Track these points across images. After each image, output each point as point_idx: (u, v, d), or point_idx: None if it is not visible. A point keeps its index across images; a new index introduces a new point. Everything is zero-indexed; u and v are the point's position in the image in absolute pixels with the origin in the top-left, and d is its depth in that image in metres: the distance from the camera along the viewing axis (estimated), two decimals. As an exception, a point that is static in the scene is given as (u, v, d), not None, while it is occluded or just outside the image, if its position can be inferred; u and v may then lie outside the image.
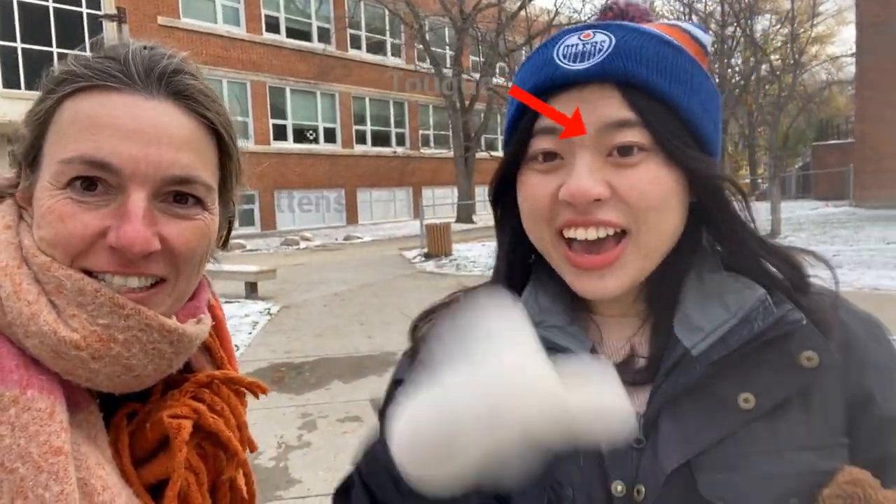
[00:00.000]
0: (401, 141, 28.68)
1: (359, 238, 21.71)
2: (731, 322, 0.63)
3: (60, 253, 0.62)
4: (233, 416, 0.74)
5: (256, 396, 0.81)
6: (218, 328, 0.83)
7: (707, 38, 0.71)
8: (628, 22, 0.68)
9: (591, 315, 0.73)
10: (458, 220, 23.25)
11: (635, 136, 0.62)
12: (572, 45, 0.64)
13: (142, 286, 0.65)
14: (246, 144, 21.88)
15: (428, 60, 24.72)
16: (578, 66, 0.63)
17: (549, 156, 0.65)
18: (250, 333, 7.63)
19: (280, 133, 23.68)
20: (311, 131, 25.02)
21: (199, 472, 0.70)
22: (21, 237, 0.64)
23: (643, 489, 0.61)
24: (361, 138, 26.95)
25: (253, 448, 0.78)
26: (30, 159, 0.67)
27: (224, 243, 0.81)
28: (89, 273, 0.63)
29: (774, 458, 0.60)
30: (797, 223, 18.09)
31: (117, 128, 0.62)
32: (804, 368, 0.62)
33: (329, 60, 24.87)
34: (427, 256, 14.83)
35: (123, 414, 0.68)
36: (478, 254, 14.83)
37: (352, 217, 26.15)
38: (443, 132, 29.14)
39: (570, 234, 0.64)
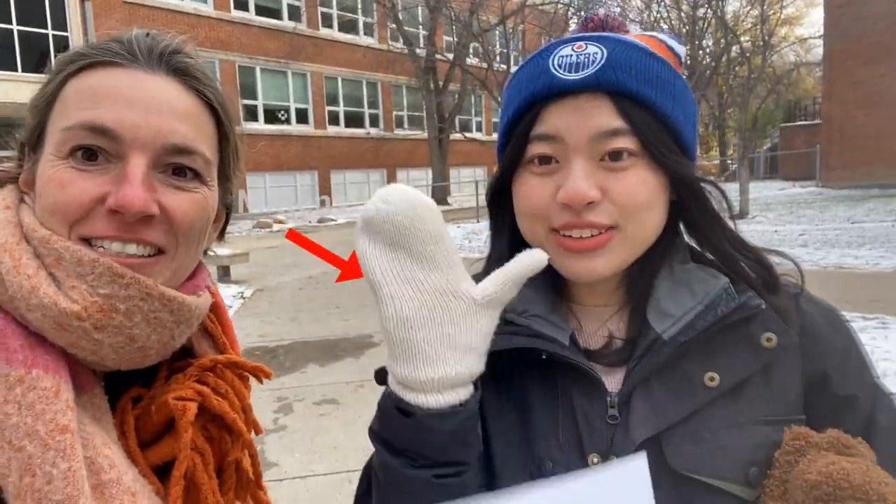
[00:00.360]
0: (374, 122, 28.40)
1: (333, 220, 21.55)
2: (697, 308, 0.69)
3: (59, 219, 0.63)
4: (237, 399, 0.75)
5: (260, 381, 0.82)
6: (219, 313, 0.84)
7: (681, 49, 0.76)
8: (612, 33, 0.73)
9: (571, 305, 0.78)
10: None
11: (625, 142, 0.67)
12: (567, 56, 0.69)
13: (140, 254, 0.65)
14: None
15: (401, 40, 24.45)
16: (574, 77, 0.67)
17: (545, 159, 0.70)
18: (224, 317, 7.57)
19: (251, 114, 23.25)
20: (282, 112, 24.63)
21: (205, 453, 0.70)
22: (21, 216, 0.65)
23: (615, 460, 0.66)
24: (334, 119, 26.62)
25: (258, 430, 0.78)
26: (34, 140, 0.68)
27: (221, 234, 0.81)
28: (88, 242, 0.63)
29: (736, 431, 0.66)
30: (765, 203, 18.45)
31: (119, 97, 0.64)
32: (764, 349, 0.67)
33: (300, 39, 24.41)
34: (402, 238, 14.77)
35: (129, 398, 0.69)
36: (453, 235, 14.72)
37: (325, 199, 25.93)
38: (417, 113, 28.95)
39: (564, 233, 0.69)
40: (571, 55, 0.69)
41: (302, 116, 25.33)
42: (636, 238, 0.70)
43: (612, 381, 0.71)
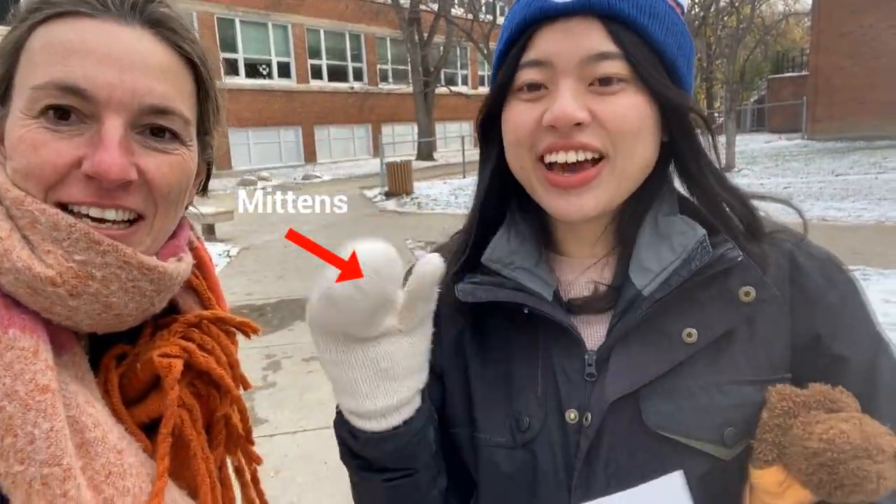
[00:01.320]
0: (358, 76, 27.83)
1: (318, 177, 21.33)
2: (675, 263, 0.67)
3: (34, 184, 0.60)
4: (224, 355, 0.74)
5: (247, 336, 0.80)
6: (203, 269, 0.82)
7: (685, 0, 0.74)
8: None
9: (556, 256, 0.77)
10: (419, 157, 23.01)
11: (616, 67, 0.65)
12: None
13: (119, 219, 0.63)
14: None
15: (384, -10, 23.76)
16: (564, 0, 0.65)
17: (534, 87, 0.68)
18: (210, 276, 7.55)
19: (231, 68, 22.65)
20: (263, 66, 24.05)
21: (193, 409, 0.69)
22: None
23: (590, 416, 0.67)
24: (317, 73, 26.03)
25: (246, 385, 0.78)
26: (0, 92, 0.64)
27: (203, 189, 0.79)
28: (64, 207, 0.61)
29: (715, 391, 0.65)
30: (751, 156, 18.47)
31: (91, 53, 0.60)
32: (742, 303, 0.66)
33: (280, -10, 23.68)
34: (388, 195, 14.71)
35: (112, 356, 0.67)
36: (439, 192, 14.76)
37: (310, 156, 25.58)
38: (402, 67, 28.38)
39: (550, 158, 0.67)
40: None
41: (284, 70, 24.74)
42: (625, 171, 0.67)
43: (594, 336, 0.71)
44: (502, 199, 0.78)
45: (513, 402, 0.71)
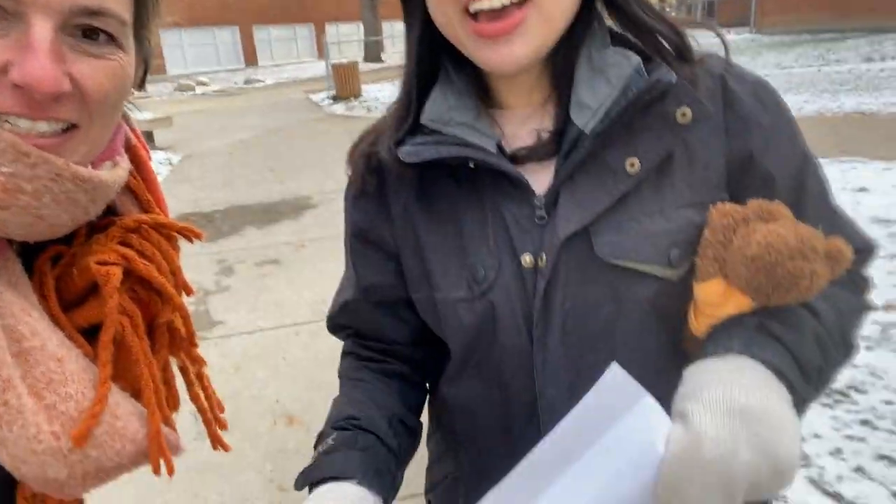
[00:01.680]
0: (297, -30, 26.04)
1: (260, 81, 20.36)
2: (613, 95, 0.67)
3: None
4: (165, 262, 0.71)
5: (190, 241, 0.77)
6: (142, 169, 0.77)
7: None
8: None
9: (494, 111, 0.76)
10: (366, 59, 22.13)
11: None
12: None
13: (52, 130, 0.58)
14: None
15: None
16: None
17: None
18: (153, 185, 7.31)
19: (157, -39, 20.86)
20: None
21: (134, 315, 0.67)
22: None
23: (545, 257, 0.68)
24: (252, -33, 24.24)
25: (189, 291, 0.75)
26: None
27: (141, 84, 0.73)
28: None
29: (659, 217, 0.67)
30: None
31: None
32: (679, 125, 0.67)
33: None
34: (335, 99, 14.22)
35: (47, 258, 0.64)
36: (388, 94, 14.32)
37: (250, 58, 24.28)
38: (343, -41, 26.60)
39: (475, 6, 0.64)
40: None
41: (215, -36, 22.92)
42: (552, 13, 0.65)
43: (541, 182, 0.71)
44: (434, 59, 0.76)
45: (467, 257, 0.72)
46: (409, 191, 0.76)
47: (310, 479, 0.70)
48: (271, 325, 3.74)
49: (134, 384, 0.69)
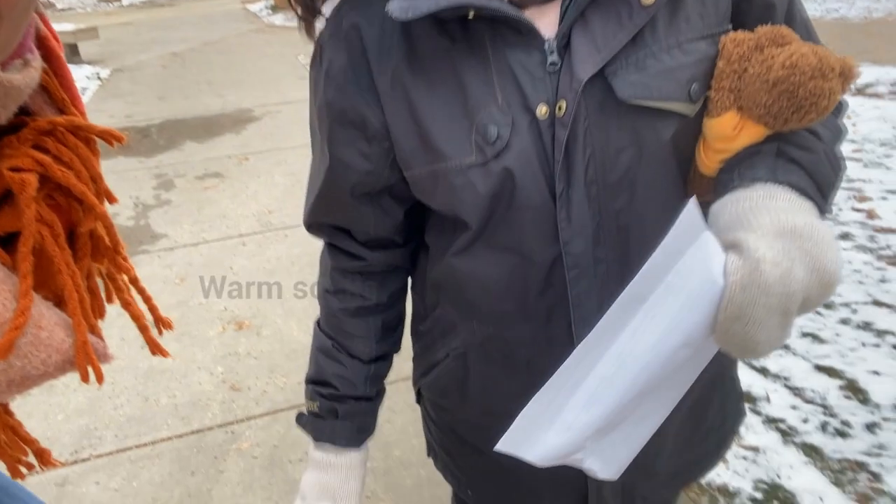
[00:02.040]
0: None
1: (193, -9, 18.97)
2: None
3: None
4: (84, 168, 0.66)
5: (111, 144, 0.70)
6: (55, 64, 0.69)
7: None
8: None
9: None
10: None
11: None
12: None
13: None
14: None
15: None
16: None
17: None
18: (80, 100, 6.88)
19: None
20: None
21: (53, 224, 0.63)
22: None
23: (563, 104, 0.63)
24: None
25: (111, 199, 0.70)
26: None
27: None
28: None
29: (677, 51, 0.64)
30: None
31: None
32: None
33: None
34: (274, 9, 13.46)
35: None
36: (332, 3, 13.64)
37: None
38: None
39: None
40: None
41: None
42: None
43: (546, 26, 0.65)
44: None
45: (474, 118, 0.65)
46: (394, 54, 0.68)
47: (306, 431, 0.87)
48: (216, 236, 3.66)
49: (57, 294, 0.67)
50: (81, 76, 7.89)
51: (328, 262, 0.85)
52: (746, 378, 2.25)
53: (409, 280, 0.89)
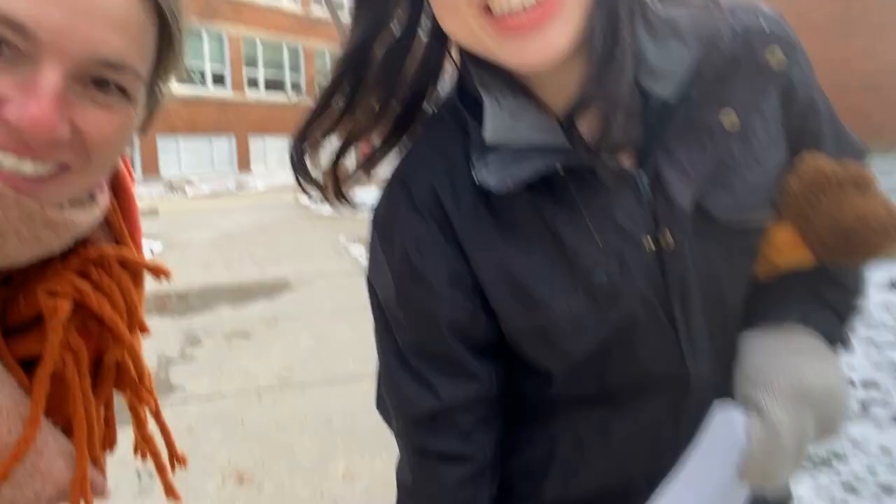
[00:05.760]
0: (296, 87, 27.57)
1: (252, 186, 20.86)
2: (693, 53, 0.60)
3: None
4: (122, 298, 0.66)
5: (157, 278, 0.73)
6: (123, 197, 0.73)
7: None
8: None
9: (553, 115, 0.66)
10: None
11: None
12: None
13: (38, 173, 0.55)
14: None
15: (323, 4, 23.76)
16: None
17: None
18: (130, 268, 7.25)
19: (162, 74, 22.06)
20: (197, 73, 23.48)
21: (79, 350, 0.63)
22: None
23: (668, 233, 0.62)
24: (253, 83, 25.65)
25: (144, 329, 0.71)
26: None
27: (143, 129, 0.70)
28: None
29: (756, 165, 0.64)
30: None
31: None
32: (770, 68, 0.64)
33: (216, 1, 23.31)
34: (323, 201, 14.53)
35: None
36: (375, 195, 14.69)
37: (244, 164, 25.06)
38: (340, 80, 28.26)
39: (500, 6, 0.54)
40: None
41: (218, 79, 24.25)
42: None
43: (626, 159, 0.64)
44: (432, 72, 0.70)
45: (575, 265, 0.63)
46: (477, 214, 0.65)
47: None
48: (233, 390, 3.55)
49: (69, 420, 0.64)
50: (135, 248, 8.40)
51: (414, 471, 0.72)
52: None
53: None
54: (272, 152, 26.49)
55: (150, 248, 8.73)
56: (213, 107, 23.74)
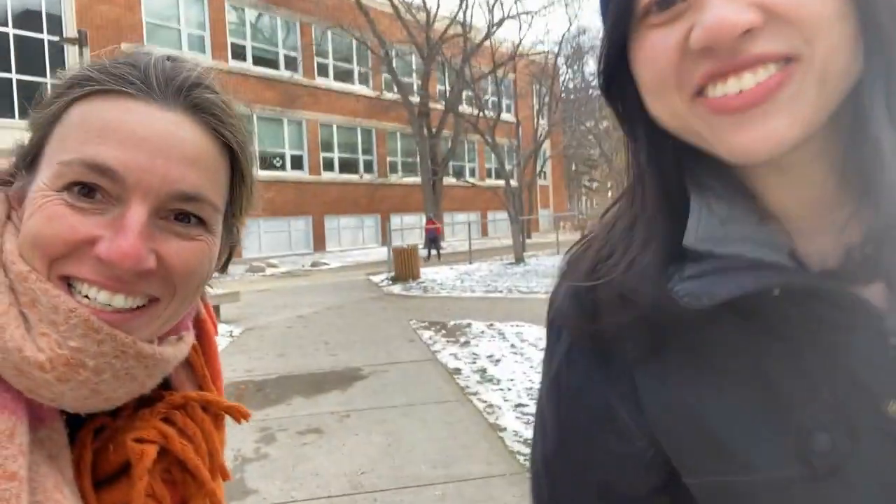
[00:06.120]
0: (368, 168, 28.73)
1: (326, 265, 21.53)
2: None
3: (39, 254, 0.57)
4: (205, 442, 0.69)
5: (238, 421, 0.76)
6: (206, 343, 0.78)
7: None
8: None
9: (779, 226, 0.54)
10: (426, 246, 23.29)
11: None
12: None
13: (128, 307, 0.60)
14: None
15: (395, 88, 24.96)
16: None
17: (666, 2, 0.48)
18: (211, 354, 7.51)
19: (246, 160, 23.50)
20: (277, 158, 24.92)
21: (163, 499, 0.66)
22: (4, 240, 0.60)
23: None
24: (329, 165, 26.93)
25: (226, 476, 0.73)
26: (28, 161, 0.63)
27: (224, 268, 0.76)
28: (67, 280, 0.58)
29: None
30: None
31: (126, 133, 0.58)
32: None
33: (296, 88, 24.95)
34: (394, 280, 14.77)
35: (91, 429, 0.64)
36: (445, 277, 14.83)
37: (319, 244, 25.99)
38: (410, 159, 29.29)
39: (715, 91, 0.47)
40: None
41: (297, 162, 25.63)
42: (828, 67, 0.45)
43: (874, 297, 0.50)
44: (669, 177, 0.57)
45: (788, 418, 0.51)
46: (663, 338, 0.56)
47: None
48: (304, 496, 3.54)
49: None
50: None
51: None
52: None
53: None
54: (345, 231, 27.41)
55: (231, 332, 9.06)
56: (291, 189, 25.00)
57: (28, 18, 17.80)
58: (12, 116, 16.36)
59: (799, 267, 0.51)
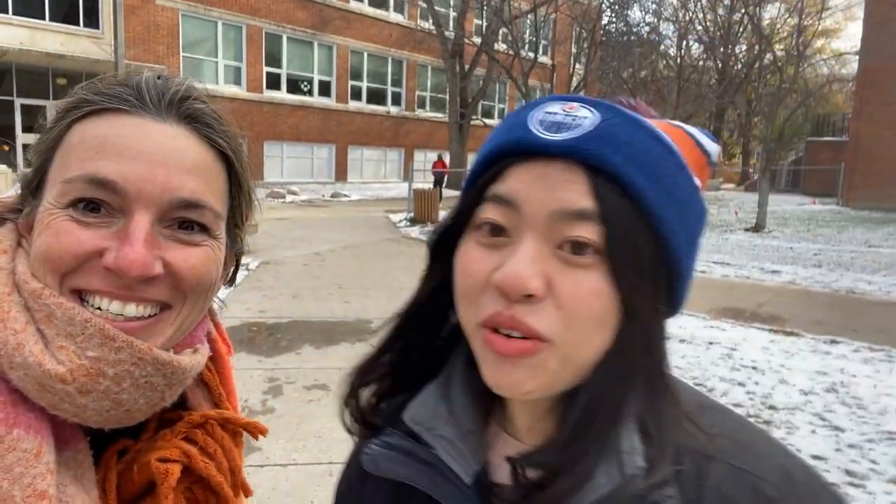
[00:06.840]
0: (396, 100, 28.23)
1: (346, 196, 21.55)
2: (614, 481, 0.52)
3: (49, 270, 0.60)
4: (226, 460, 0.71)
5: (255, 437, 0.79)
6: (219, 363, 0.80)
7: (714, 148, 0.63)
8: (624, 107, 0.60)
9: (502, 433, 0.63)
10: (448, 186, 23.12)
11: (592, 232, 0.53)
12: (551, 114, 0.57)
13: (140, 315, 0.62)
14: (237, 91, 21.47)
15: (430, 20, 24.18)
16: (549, 137, 0.55)
17: (497, 230, 0.56)
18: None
19: (274, 82, 23.19)
20: (305, 83, 24.53)
21: None
22: (16, 263, 0.62)
23: None
24: (356, 94, 26.49)
25: (248, 492, 0.75)
26: (33, 186, 0.65)
27: (231, 280, 0.78)
28: (80, 294, 0.60)
29: None
30: (783, 218, 18.21)
31: (124, 147, 0.61)
32: None
33: (329, 11, 24.27)
34: (413, 222, 14.77)
35: (114, 451, 0.66)
36: (464, 223, 14.75)
37: (341, 174, 25.90)
38: (440, 95, 28.70)
39: (504, 330, 0.55)
40: (557, 114, 0.56)
41: (324, 89, 25.22)
42: (572, 358, 0.54)
43: None
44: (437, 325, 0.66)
45: None
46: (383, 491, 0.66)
47: None
48: (306, 459, 3.63)
49: None
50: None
51: None
52: None
53: None
54: (368, 163, 27.22)
55: (247, 265, 9.16)
56: (317, 115, 24.71)
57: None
58: (42, 17, 16.10)
59: (475, 482, 0.59)
